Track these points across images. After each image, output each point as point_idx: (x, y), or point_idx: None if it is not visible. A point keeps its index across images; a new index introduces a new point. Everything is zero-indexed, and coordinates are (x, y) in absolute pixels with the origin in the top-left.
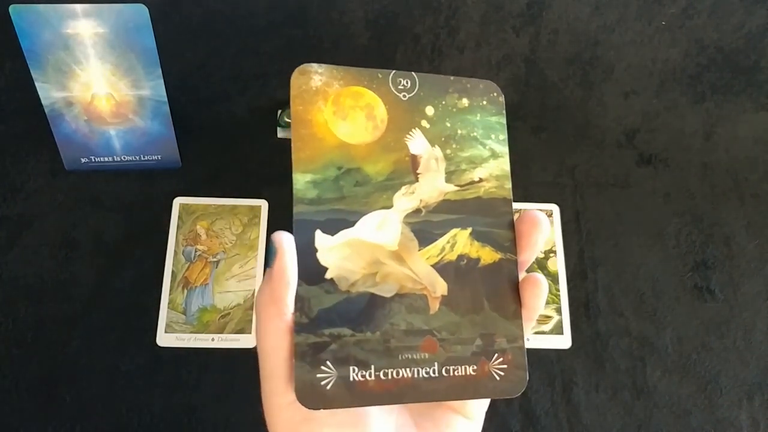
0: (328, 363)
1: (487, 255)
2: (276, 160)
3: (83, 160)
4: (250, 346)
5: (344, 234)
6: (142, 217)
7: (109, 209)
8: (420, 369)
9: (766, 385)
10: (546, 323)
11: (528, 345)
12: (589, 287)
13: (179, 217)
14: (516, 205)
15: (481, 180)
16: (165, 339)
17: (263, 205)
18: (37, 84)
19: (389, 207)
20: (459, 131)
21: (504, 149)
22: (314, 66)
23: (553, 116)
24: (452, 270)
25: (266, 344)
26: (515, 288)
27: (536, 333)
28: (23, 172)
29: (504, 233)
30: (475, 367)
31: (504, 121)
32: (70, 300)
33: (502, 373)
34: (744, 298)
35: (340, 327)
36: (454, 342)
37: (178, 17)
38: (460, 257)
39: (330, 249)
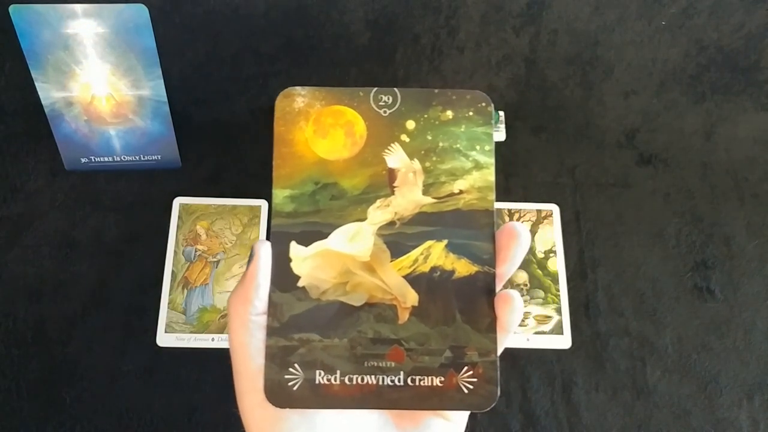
0: (295, 365)
1: (463, 267)
2: None
3: (83, 160)
4: None
5: (317, 245)
6: (142, 217)
7: (109, 209)
8: (385, 377)
9: (766, 385)
10: (546, 323)
11: (528, 345)
12: (589, 287)
13: (179, 217)
14: (516, 206)
15: (461, 192)
16: (165, 339)
17: (263, 205)
18: (37, 84)
19: (363, 219)
20: (440, 144)
21: (489, 160)
22: (298, 89)
23: (553, 116)
24: (425, 281)
25: (234, 341)
26: (491, 301)
27: (536, 333)
28: (23, 172)
29: (483, 245)
30: (442, 379)
31: (491, 131)
32: (70, 300)
33: (471, 386)
34: (744, 298)
35: (309, 332)
36: (422, 352)
37: (178, 17)
38: (434, 269)
39: (303, 259)
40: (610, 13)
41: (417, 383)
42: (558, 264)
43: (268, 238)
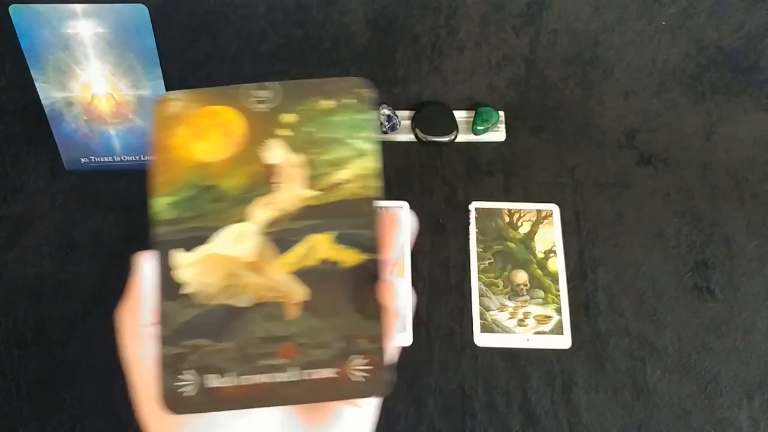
0: (188, 372)
1: (350, 257)
2: None
3: (83, 160)
4: None
5: (201, 250)
6: (142, 217)
7: (109, 209)
8: (278, 374)
9: (766, 385)
10: (546, 323)
11: (528, 345)
12: (589, 287)
13: None
14: (516, 206)
15: (347, 182)
16: None
17: None
18: (37, 84)
19: (247, 219)
20: (321, 134)
21: (370, 146)
22: (175, 93)
23: (553, 116)
24: (314, 275)
25: (126, 353)
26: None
27: (536, 333)
28: (23, 172)
29: (370, 234)
30: (338, 370)
31: (369, 116)
32: (70, 300)
33: (366, 374)
34: (744, 298)
35: (199, 338)
36: (314, 346)
37: (178, 17)
38: (322, 262)
39: (188, 266)
40: (610, 13)
41: (311, 377)
42: (558, 264)
43: None
